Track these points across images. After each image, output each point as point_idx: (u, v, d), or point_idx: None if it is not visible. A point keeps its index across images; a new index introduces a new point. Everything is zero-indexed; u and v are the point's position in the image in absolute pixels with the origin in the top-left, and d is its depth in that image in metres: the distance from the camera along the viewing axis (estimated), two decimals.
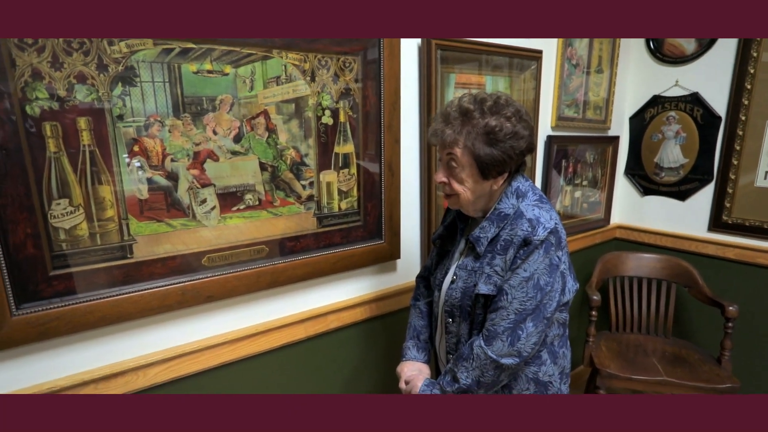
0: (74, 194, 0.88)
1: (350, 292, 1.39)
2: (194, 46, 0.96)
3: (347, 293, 1.38)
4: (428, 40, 1.36)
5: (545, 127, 1.93)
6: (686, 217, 2.22)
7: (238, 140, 1.07)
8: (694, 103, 2.11)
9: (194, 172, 1.02)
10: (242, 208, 1.10)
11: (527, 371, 1.00)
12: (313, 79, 1.16)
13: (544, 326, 0.93)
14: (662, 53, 2.18)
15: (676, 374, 1.77)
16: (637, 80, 2.29)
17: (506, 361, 0.92)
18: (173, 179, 0.99)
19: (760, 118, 1.92)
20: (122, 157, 0.92)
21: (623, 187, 2.43)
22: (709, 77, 2.05)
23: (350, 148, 1.26)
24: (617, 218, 2.48)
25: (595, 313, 1.95)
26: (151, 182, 0.96)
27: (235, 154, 1.07)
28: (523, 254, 0.91)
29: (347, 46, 1.19)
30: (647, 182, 2.33)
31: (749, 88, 1.92)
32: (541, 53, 1.74)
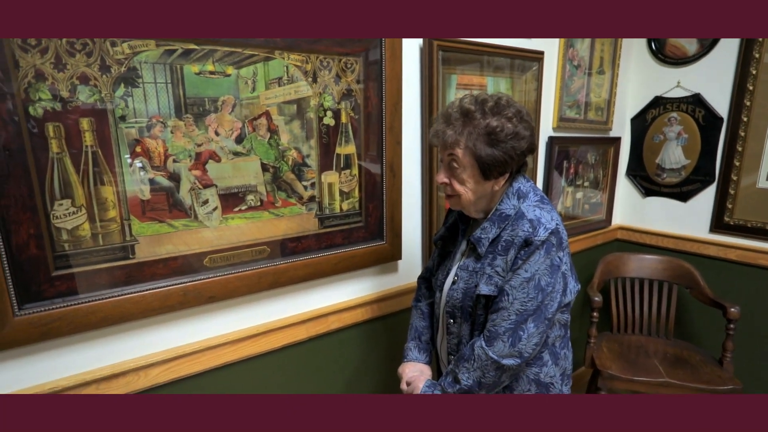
0: (77, 195, 0.88)
1: (351, 292, 1.39)
2: (196, 47, 0.97)
3: (348, 294, 1.38)
4: (430, 41, 1.36)
5: (546, 128, 1.93)
6: (688, 218, 2.21)
7: (240, 141, 1.07)
8: (695, 104, 2.11)
9: (196, 172, 1.02)
10: (244, 208, 1.11)
11: (529, 372, 1.00)
12: (314, 80, 1.16)
13: (545, 327, 0.93)
14: (664, 54, 2.17)
15: (677, 376, 1.77)
16: (638, 81, 2.29)
17: (507, 361, 0.92)
18: (175, 180, 0.99)
19: (762, 119, 1.92)
20: (124, 157, 0.92)
21: (625, 188, 2.43)
22: (710, 78, 2.05)
23: (352, 149, 1.26)
24: (619, 219, 2.48)
25: (596, 314, 1.94)
26: (153, 183, 0.96)
27: (237, 155, 1.07)
28: (524, 255, 0.91)
29: (349, 47, 1.20)
30: (649, 183, 2.33)
31: (751, 89, 1.92)
32: (542, 54, 1.74)
